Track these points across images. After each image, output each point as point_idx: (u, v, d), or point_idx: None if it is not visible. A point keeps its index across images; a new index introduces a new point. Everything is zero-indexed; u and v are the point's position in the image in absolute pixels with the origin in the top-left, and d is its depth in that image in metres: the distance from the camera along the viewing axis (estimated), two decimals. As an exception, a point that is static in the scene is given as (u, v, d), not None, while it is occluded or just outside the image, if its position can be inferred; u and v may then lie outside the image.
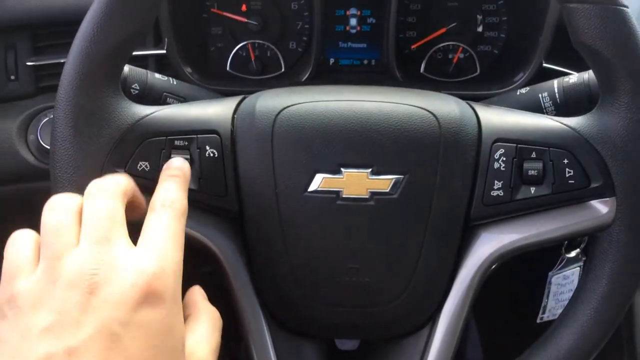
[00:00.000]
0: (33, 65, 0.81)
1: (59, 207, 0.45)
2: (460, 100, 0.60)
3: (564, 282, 0.71)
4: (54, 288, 0.42)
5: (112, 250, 0.43)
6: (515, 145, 0.56)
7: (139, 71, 0.68)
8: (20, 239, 0.45)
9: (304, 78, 0.86)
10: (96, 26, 0.52)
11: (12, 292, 0.43)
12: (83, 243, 0.43)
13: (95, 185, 0.46)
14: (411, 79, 0.87)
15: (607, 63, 0.53)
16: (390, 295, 0.57)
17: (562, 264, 0.71)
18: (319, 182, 0.55)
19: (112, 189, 0.46)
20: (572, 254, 0.70)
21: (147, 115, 0.56)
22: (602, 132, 0.54)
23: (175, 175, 0.51)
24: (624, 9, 0.52)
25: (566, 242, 0.67)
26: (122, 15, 0.52)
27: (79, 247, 0.43)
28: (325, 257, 0.56)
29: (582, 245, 0.67)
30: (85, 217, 0.45)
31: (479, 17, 0.88)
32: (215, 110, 0.58)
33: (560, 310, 0.60)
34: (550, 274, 0.71)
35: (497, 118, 0.58)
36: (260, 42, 0.90)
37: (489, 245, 0.57)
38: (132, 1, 0.52)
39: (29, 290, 0.42)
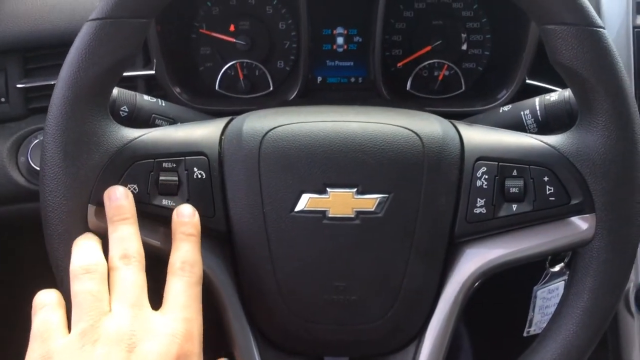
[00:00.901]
0: (23, 87, 0.82)
1: (86, 277, 0.49)
2: (444, 120, 0.61)
3: (549, 295, 0.73)
4: (94, 347, 0.46)
5: (144, 314, 0.48)
6: (497, 163, 0.57)
7: (128, 93, 0.69)
8: (49, 303, 0.49)
9: (292, 96, 0.87)
10: (84, 53, 0.53)
11: (48, 349, 0.46)
12: (117, 308, 0.48)
13: (120, 260, 0.51)
14: (398, 96, 0.88)
15: (584, 83, 0.54)
16: (377, 312, 0.58)
17: (546, 278, 0.72)
18: (305, 202, 0.56)
19: (136, 262, 0.51)
20: (557, 268, 0.71)
21: (136, 138, 0.57)
22: (581, 150, 0.56)
23: (191, 234, 0.54)
24: (601, 29, 0.54)
25: (550, 256, 0.68)
26: (110, 42, 0.53)
27: (115, 312, 0.48)
28: (312, 276, 0.57)
29: (566, 260, 0.68)
30: (116, 286, 0.49)
31: (463, 35, 0.90)
32: (203, 132, 0.59)
33: (546, 324, 0.61)
34: (535, 288, 0.72)
35: (479, 137, 0.59)
36: (249, 61, 0.91)
37: (473, 261, 0.58)
38: (119, 28, 0.53)
39: (68, 349, 0.46)
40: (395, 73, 0.92)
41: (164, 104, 0.72)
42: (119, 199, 0.54)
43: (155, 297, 0.52)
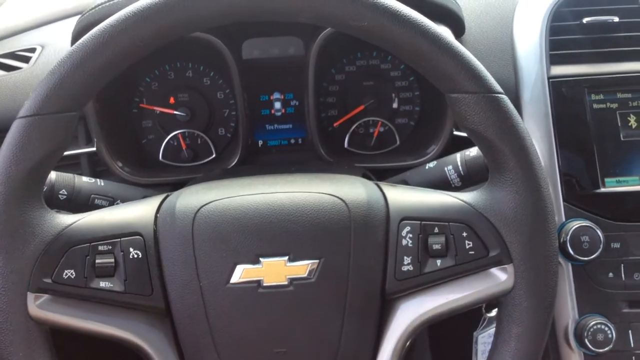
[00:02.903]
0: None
1: None
2: (369, 182, 0.65)
3: (489, 340, 0.75)
4: None
5: None
6: (419, 222, 0.61)
7: (66, 176, 0.71)
8: None
9: (234, 162, 0.89)
10: (15, 149, 0.55)
11: None
12: None
13: None
14: (336, 154, 0.91)
15: (490, 144, 0.58)
16: None
17: (484, 323, 0.75)
18: (239, 273, 0.58)
19: None
20: (493, 313, 0.75)
21: (71, 225, 0.59)
22: (494, 205, 0.59)
23: None
24: (500, 95, 0.58)
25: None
26: (39, 137, 0.55)
27: None
28: (252, 345, 0.59)
29: (501, 304, 0.71)
30: None
31: (394, 94, 0.95)
32: (138, 212, 0.61)
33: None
34: (475, 333, 0.75)
35: (402, 197, 0.63)
36: (190, 131, 0.94)
37: (406, 316, 0.61)
38: (47, 124, 0.55)
39: None
40: (332, 132, 0.96)
41: (102, 184, 0.74)
42: None
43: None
